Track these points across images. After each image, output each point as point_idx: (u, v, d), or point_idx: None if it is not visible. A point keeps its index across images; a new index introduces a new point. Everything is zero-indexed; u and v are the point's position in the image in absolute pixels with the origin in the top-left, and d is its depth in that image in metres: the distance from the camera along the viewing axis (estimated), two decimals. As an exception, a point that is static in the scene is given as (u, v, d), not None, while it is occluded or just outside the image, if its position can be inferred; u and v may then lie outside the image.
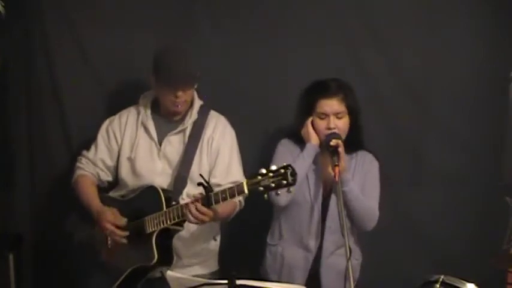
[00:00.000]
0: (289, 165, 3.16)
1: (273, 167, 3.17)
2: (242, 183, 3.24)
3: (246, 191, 3.23)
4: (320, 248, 3.60)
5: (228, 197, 3.29)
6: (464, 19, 4.02)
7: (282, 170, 3.16)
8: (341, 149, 3.46)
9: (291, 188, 3.20)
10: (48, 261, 4.19)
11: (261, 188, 3.17)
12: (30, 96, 4.17)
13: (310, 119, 3.60)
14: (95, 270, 3.66)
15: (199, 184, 3.31)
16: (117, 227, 3.53)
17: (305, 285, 3.56)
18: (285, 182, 3.15)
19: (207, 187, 3.31)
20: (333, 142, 3.47)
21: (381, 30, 4.07)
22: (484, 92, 4.06)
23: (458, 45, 4.03)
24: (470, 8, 4.02)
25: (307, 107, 3.61)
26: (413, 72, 4.09)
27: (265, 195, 3.20)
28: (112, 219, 3.54)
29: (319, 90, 3.60)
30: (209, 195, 3.31)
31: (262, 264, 3.75)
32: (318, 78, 3.67)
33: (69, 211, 3.83)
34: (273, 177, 3.17)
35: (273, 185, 3.16)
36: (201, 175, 3.37)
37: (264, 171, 3.18)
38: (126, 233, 3.54)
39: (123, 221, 3.55)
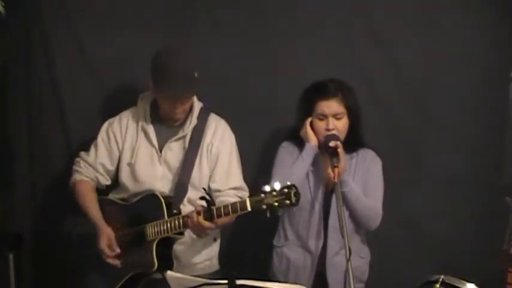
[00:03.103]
0: (293, 185, 3.18)
1: (277, 186, 3.18)
2: (245, 200, 3.26)
3: (249, 208, 3.24)
4: (324, 248, 3.60)
5: (231, 212, 3.30)
6: (464, 19, 4.02)
7: (286, 190, 3.18)
8: (340, 150, 3.46)
9: (294, 208, 3.22)
10: (48, 261, 4.18)
11: (264, 207, 3.19)
12: (30, 96, 4.17)
13: (309, 120, 3.59)
14: (94, 271, 3.66)
15: (202, 198, 3.32)
16: (112, 247, 3.55)
17: (312, 286, 3.57)
18: (288, 202, 3.18)
19: (209, 201, 3.31)
20: (332, 143, 3.47)
21: (381, 30, 4.07)
22: (484, 92, 4.06)
23: (459, 45, 4.03)
24: (471, 8, 4.01)
25: (307, 108, 3.61)
26: (413, 72, 4.08)
27: (268, 214, 3.21)
28: (106, 244, 3.54)
29: (318, 91, 3.59)
30: (211, 210, 3.32)
31: (270, 267, 3.75)
32: (318, 78, 3.67)
33: (69, 211, 3.83)
34: (276, 196, 3.18)
35: (276, 204, 3.18)
36: (203, 189, 3.37)
37: (267, 189, 3.19)
38: (118, 262, 3.55)
39: (116, 250, 3.55)
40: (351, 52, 4.08)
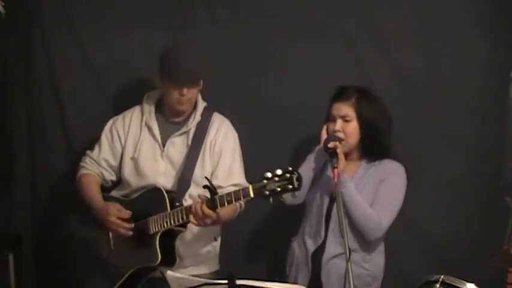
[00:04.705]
0: (295, 170, 3.17)
1: (278, 171, 3.17)
2: (248, 187, 3.24)
3: (252, 194, 3.23)
4: (323, 249, 3.60)
5: (234, 200, 3.29)
6: (464, 19, 4.02)
7: (288, 175, 3.17)
8: (339, 151, 3.46)
9: (296, 193, 3.20)
10: (48, 261, 4.19)
11: (267, 192, 3.18)
12: (30, 96, 4.17)
13: (327, 124, 3.61)
14: (95, 270, 3.66)
15: (205, 187, 3.32)
16: (122, 219, 3.53)
17: (308, 284, 3.58)
18: (290, 186, 3.16)
19: (213, 190, 3.31)
20: (331, 144, 3.47)
21: (381, 30, 4.07)
22: (484, 92, 4.05)
23: (459, 45, 4.03)
24: (471, 8, 4.01)
25: (327, 112, 3.63)
26: (413, 72, 4.08)
27: (271, 199, 3.20)
28: (116, 212, 3.53)
29: (335, 94, 3.62)
30: (214, 198, 3.31)
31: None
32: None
33: (69, 211, 3.83)
34: (278, 181, 3.17)
35: (278, 189, 3.17)
36: (206, 178, 3.37)
37: (269, 175, 3.18)
38: (132, 225, 3.54)
39: (127, 214, 3.54)
40: (350, 52, 4.08)
